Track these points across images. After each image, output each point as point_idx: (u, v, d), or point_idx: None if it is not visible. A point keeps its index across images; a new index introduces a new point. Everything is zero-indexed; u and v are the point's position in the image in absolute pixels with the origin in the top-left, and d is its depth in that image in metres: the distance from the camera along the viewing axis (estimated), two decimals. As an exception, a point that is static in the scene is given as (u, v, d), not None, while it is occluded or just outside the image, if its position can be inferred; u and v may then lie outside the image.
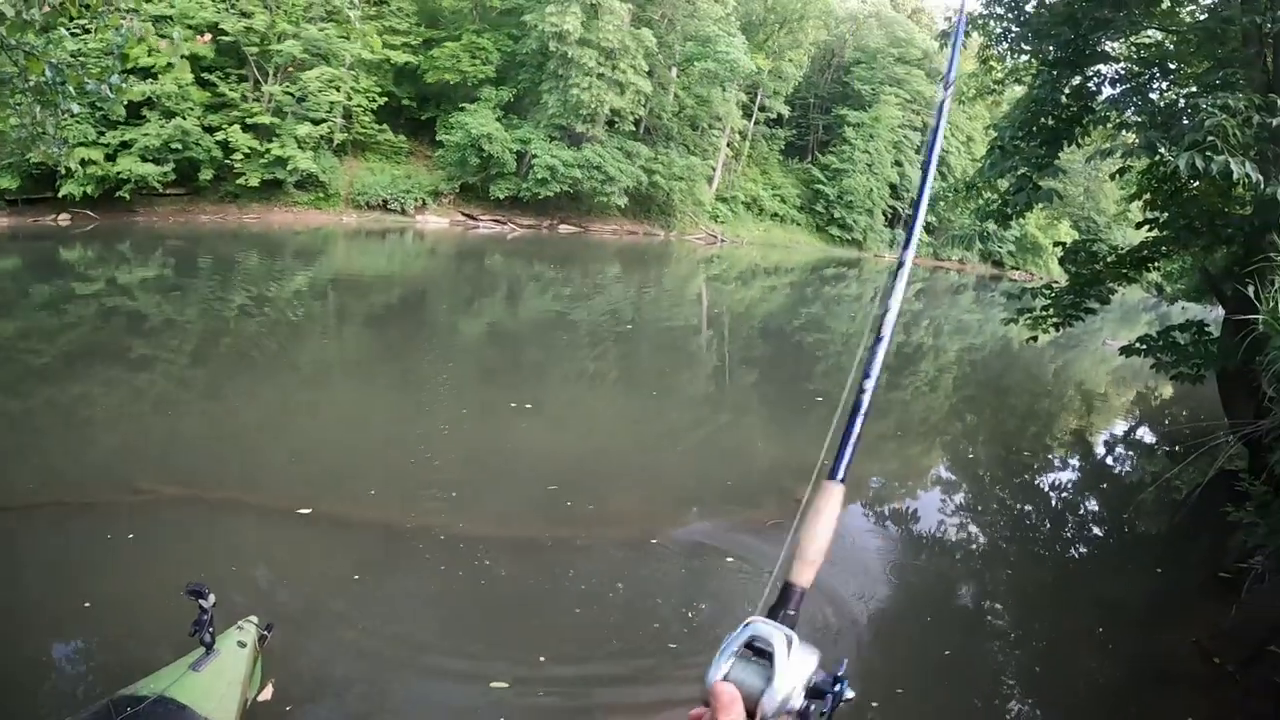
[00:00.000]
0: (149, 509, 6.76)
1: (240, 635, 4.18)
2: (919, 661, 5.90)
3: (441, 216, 32.20)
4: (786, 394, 13.78)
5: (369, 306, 17.81)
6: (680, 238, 38.37)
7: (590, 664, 5.38)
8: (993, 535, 8.53)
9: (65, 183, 21.78)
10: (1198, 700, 5.60)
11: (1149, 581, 7.70)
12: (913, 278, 14.83)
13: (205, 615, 3.80)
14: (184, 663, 3.83)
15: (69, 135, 19.96)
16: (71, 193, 22.02)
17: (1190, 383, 9.63)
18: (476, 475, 8.24)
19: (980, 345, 21.61)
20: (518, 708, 4.81)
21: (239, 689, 3.91)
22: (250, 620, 4.34)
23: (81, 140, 21.54)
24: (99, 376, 10.37)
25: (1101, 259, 10.61)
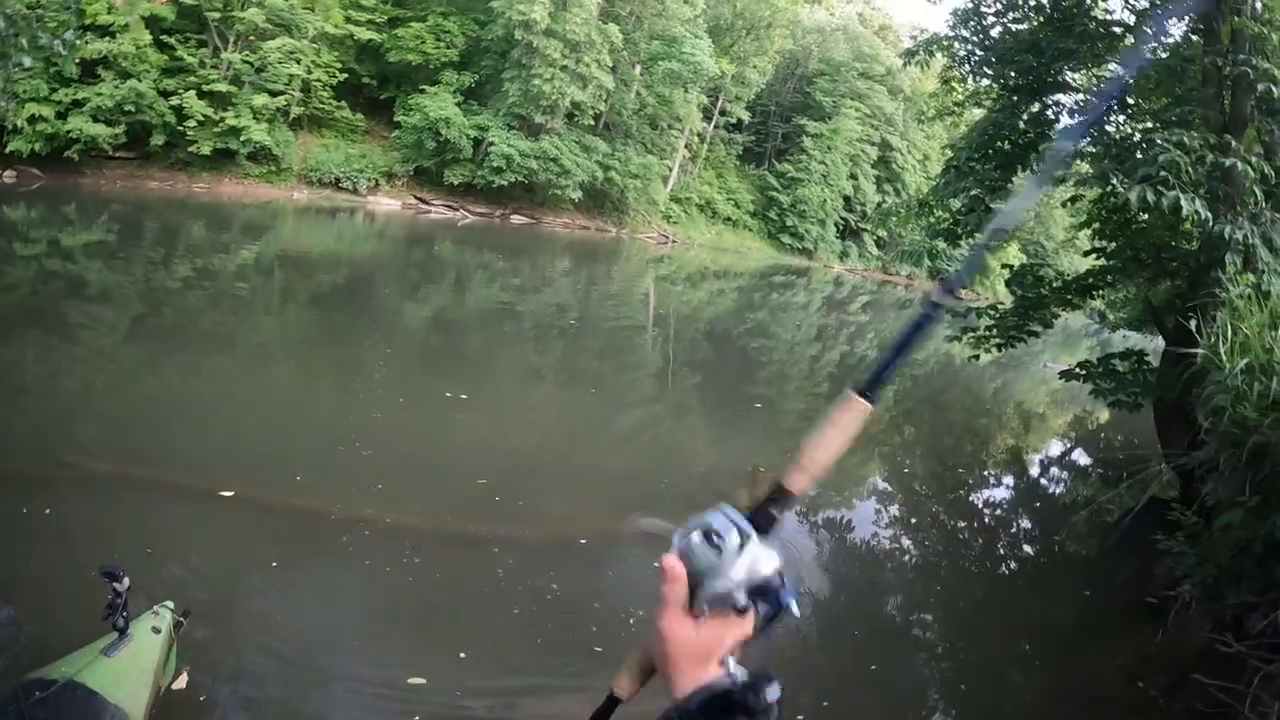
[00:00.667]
0: (70, 484, 6.58)
1: (155, 621, 4.08)
2: (846, 674, 5.94)
3: (394, 198, 31.86)
4: (727, 399, 13.84)
5: (314, 286, 17.58)
6: (632, 235, 38.38)
7: (511, 663, 5.32)
8: (925, 550, 8.62)
9: (13, 139, 21.38)
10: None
11: (1077, 604, 7.82)
12: (861, 290, 15.22)
13: (119, 599, 3.70)
14: (95, 647, 3.73)
15: (20, 90, 19.63)
16: (19, 149, 21.57)
17: (1128, 410, 9.80)
18: (406, 466, 8.12)
19: (922, 360, 21.76)
20: (433, 704, 4.75)
21: (151, 676, 3.83)
22: (166, 605, 4.23)
23: (33, 96, 21.17)
24: (32, 342, 10.10)
25: (1047, 283, 10.77)
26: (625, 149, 36.36)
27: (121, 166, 24.94)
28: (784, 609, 1.03)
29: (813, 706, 5.35)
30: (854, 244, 47.81)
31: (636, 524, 3.69)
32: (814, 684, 5.65)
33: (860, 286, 39.72)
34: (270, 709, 4.60)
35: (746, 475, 9.42)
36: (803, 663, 5.94)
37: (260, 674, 4.83)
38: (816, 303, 31.28)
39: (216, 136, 25.69)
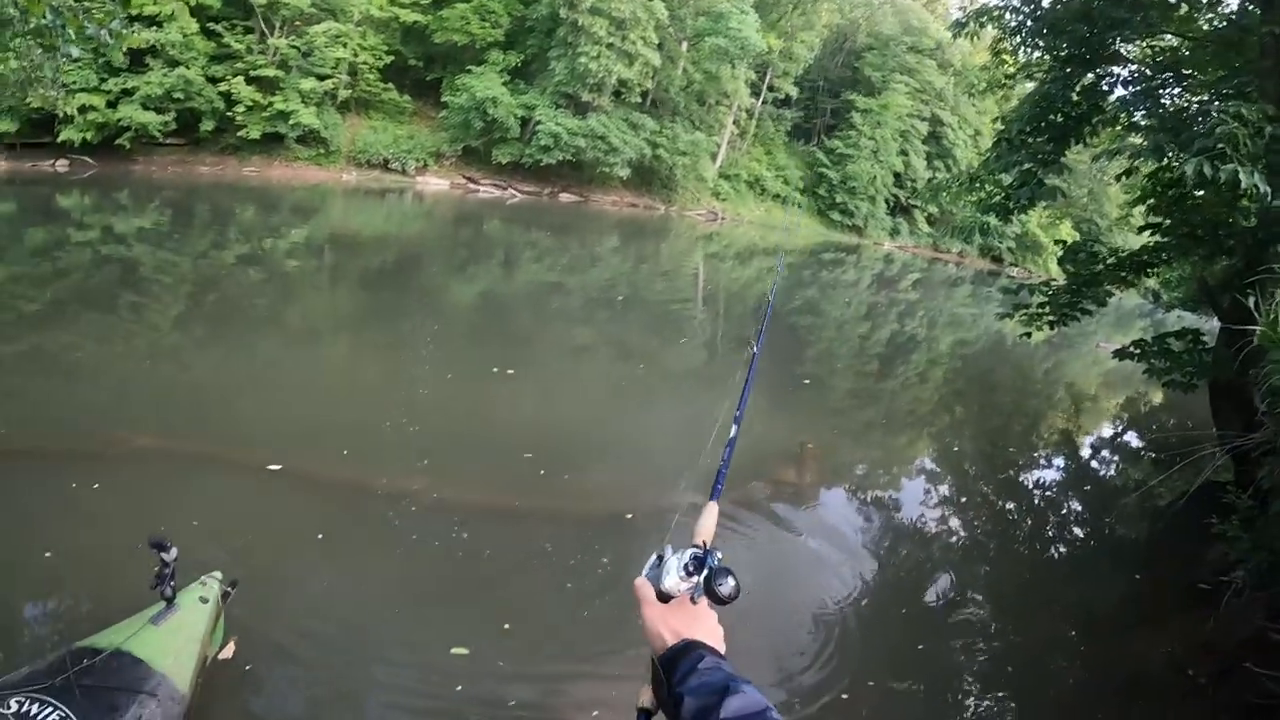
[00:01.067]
0: (122, 459, 6.75)
1: (203, 591, 4.17)
2: (892, 654, 5.89)
3: (442, 178, 32.02)
4: (776, 376, 13.71)
5: (363, 265, 17.74)
6: (680, 213, 38.20)
7: (554, 636, 5.38)
8: (973, 530, 8.50)
9: (65, 128, 21.78)
10: (1168, 713, 5.61)
11: (1126, 588, 7.68)
12: (911, 267, 15.04)
13: (167, 569, 3.78)
14: (143, 616, 3.82)
15: (71, 80, 20.00)
16: (71, 138, 21.96)
17: (1181, 391, 9.57)
18: (452, 440, 8.22)
19: (973, 340, 21.56)
20: (475, 674, 4.81)
21: (198, 645, 3.89)
22: (214, 576, 4.33)
23: (83, 86, 21.52)
24: (87, 324, 10.33)
25: (1101, 260, 10.53)
26: (673, 126, 36.16)
27: (172, 152, 25.32)
28: (712, 562, 1.48)
29: (859, 685, 5.33)
30: (904, 221, 47.25)
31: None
32: (861, 663, 5.64)
33: (910, 264, 39.21)
34: (314, 678, 4.69)
35: (794, 453, 9.38)
36: (851, 641, 5.92)
37: (305, 643, 4.92)
38: (866, 280, 30.94)
39: (265, 121, 25.97)
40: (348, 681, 4.71)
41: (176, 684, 3.61)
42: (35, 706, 3.11)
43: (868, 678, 5.46)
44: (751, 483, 8.23)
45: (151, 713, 3.39)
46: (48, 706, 3.13)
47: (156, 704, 3.43)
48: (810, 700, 5.16)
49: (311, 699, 4.55)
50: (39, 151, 22.41)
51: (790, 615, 6.12)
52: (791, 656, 5.60)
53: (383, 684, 4.73)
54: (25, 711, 3.08)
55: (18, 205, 18.01)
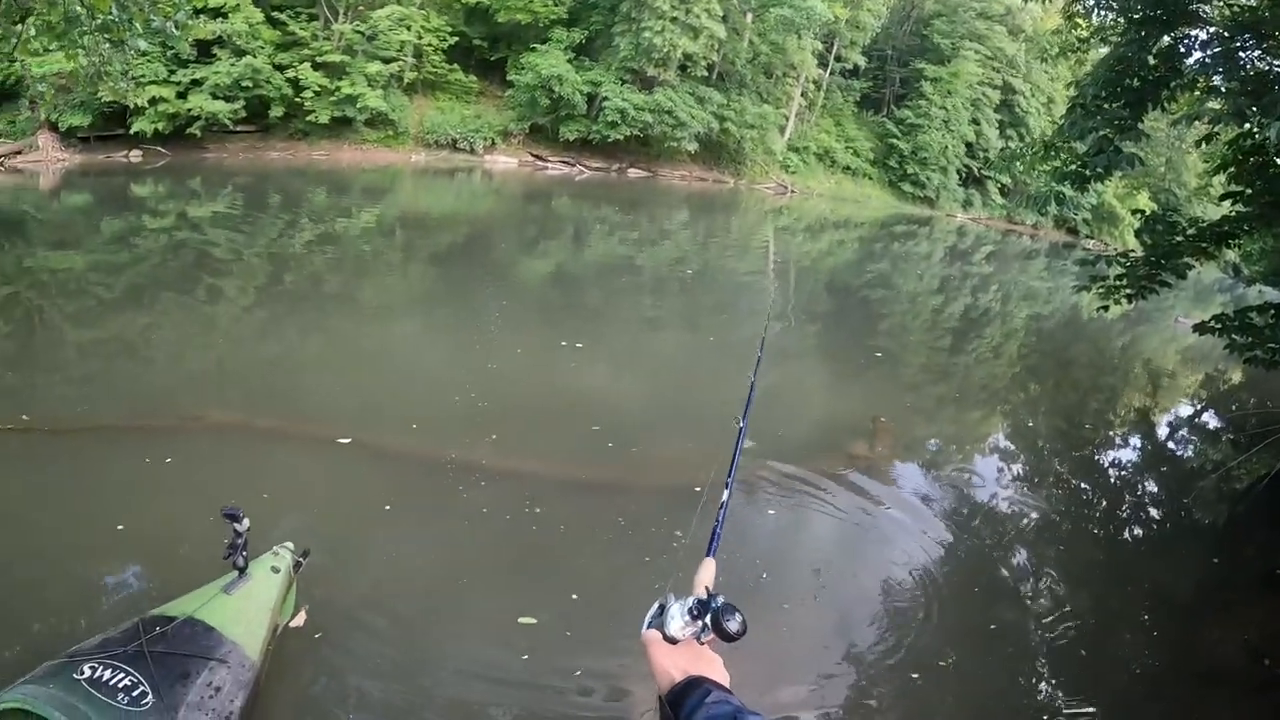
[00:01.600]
0: (196, 435, 6.97)
1: (275, 561, 4.25)
2: (964, 634, 5.80)
3: (510, 156, 32.18)
4: (848, 349, 13.63)
5: (433, 244, 17.93)
6: (750, 186, 37.91)
7: (621, 606, 5.36)
8: (1047, 509, 8.30)
9: (137, 120, 22.45)
10: (1244, 702, 5.44)
11: (1202, 573, 7.46)
12: (985, 240, 14.75)
13: (239, 539, 3.86)
14: (216, 585, 3.91)
15: (140, 74, 20.62)
16: (143, 129, 22.63)
17: (1264, 368, 9.23)
18: (520, 413, 8.27)
19: (1048, 314, 21.07)
20: (543, 643, 4.87)
21: (269, 614, 3.98)
22: (286, 546, 4.41)
23: (153, 79, 22.23)
24: (165, 308, 10.62)
25: (1180, 231, 10.20)
26: (740, 99, 35.85)
27: (243, 139, 25.88)
28: (715, 604, 1.55)
29: (932, 665, 5.29)
30: (977, 192, 46.32)
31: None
32: (936, 642, 5.58)
33: (984, 236, 38.36)
34: (383, 646, 4.75)
35: (866, 427, 9.29)
36: (923, 618, 5.88)
37: (374, 612, 5.01)
38: (939, 253, 30.37)
39: (333, 105, 26.37)
40: (416, 650, 4.79)
41: (247, 651, 3.68)
42: (108, 672, 3.18)
43: (939, 657, 5.39)
44: (824, 456, 8.19)
45: (222, 679, 3.47)
46: (120, 672, 3.20)
47: (227, 670, 3.51)
48: (881, 679, 5.13)
49: (380, 666, 4.62)
50: (112, 143, 23.12)
51: (861, 589, 6.09)
52: (862, 630, 5.57)
53: (450, 652, 4.81)
54: (98, 677, 3.14)
55: (94, 196, 18.52)
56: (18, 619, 4.51)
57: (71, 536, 5.32)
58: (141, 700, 3.13)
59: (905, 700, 4.98)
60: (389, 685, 4.52)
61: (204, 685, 3.38)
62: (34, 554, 5.11)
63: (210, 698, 3.37)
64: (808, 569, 6.24)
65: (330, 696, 4.36)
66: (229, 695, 3.47)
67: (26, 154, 21.49)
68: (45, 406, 7.21)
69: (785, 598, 5.77)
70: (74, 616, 4.54)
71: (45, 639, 4.20)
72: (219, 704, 3.40)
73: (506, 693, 4.55)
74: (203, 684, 3.38)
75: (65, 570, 5.00)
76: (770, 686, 4.92)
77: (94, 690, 3.08)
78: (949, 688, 5.14)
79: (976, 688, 5.23)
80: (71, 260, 12.56)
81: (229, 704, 3.45)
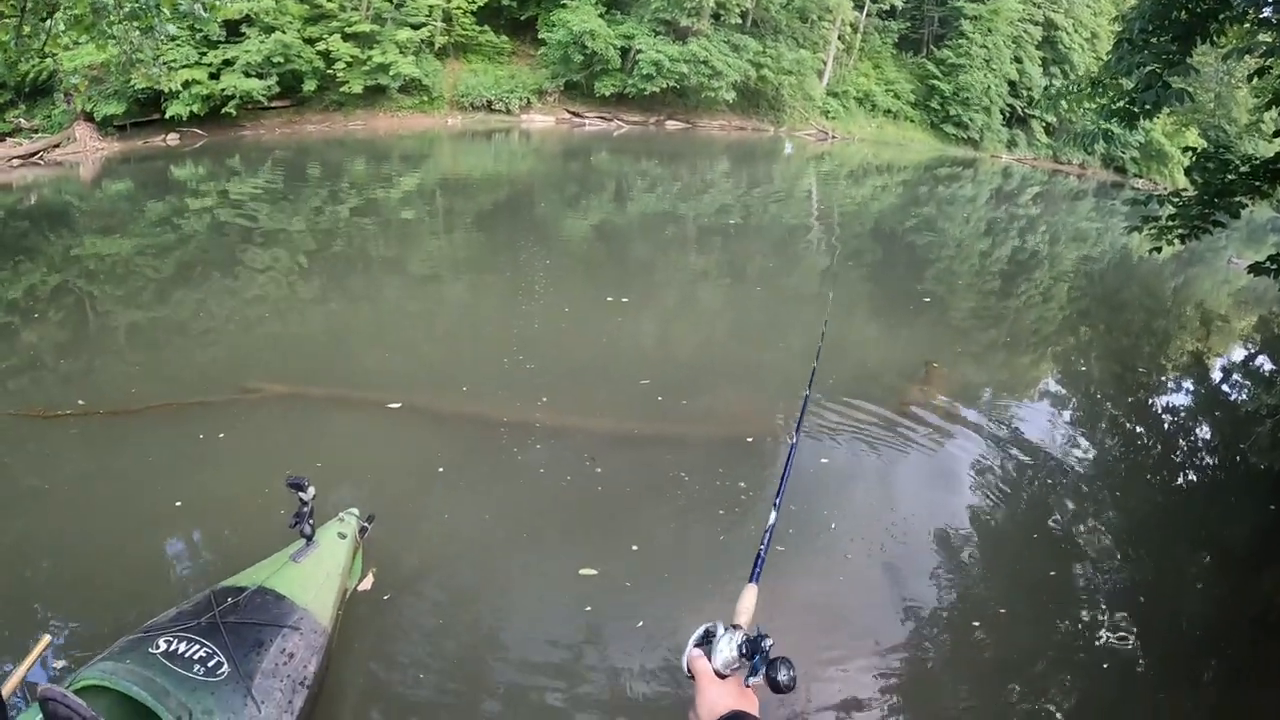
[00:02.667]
0: (251, 408, 7.14)
1: (340, 527, 4.35)
2: (1024, 582, 5.82)
3: (547, 115, 32.02)
4: (896, 295, 13.52)
5: (475, 207, 17.98)
6: (790, 133, 37.40)
7: (680, 556, 5.50)
8: (1101, 454, 8.23)
9: (172, 104, 22.78)
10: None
11: (1261, 520, 7.33)
12: (1031, 181, 14.50)
13: (305, 508, 3.95)
14: (284, 554, 4.01)
15: (172, 58, 20.94)
16: (179, 113, 22.96)
17: (1322, 309, 9.02)
18: (569, 371, 8.40)
19: (1098, 256, 20.68)
20: (604, 592, 4.99)
21: (338, 580, 4.07)
22: (351, 512, 4.51)
23: (184, 62, 22.53)
24: (213, 286, 10.79)
25: (1234, 169, 9.95)
26: (776, 45, 35.31)
27: (278, 115, 26.11)
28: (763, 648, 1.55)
29: (990, 615, 5.32)
30: (1022, 132, 45.35)
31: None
32: (995, 591, 5.63)
33: (1030, 177, 37.60)
34: (451, 605, 4.88)
35: (919, 372, 9.26)
36: (980, 566, 5.93)
37: (440, 572, 5.16)
38: (984, 195, 29.86)
39: (366, 74, 26.44)
40: (481, 606, 4.91)
41: (318, 617, 3.77)
42: (183, 645, 3.25)
43: (999, 605, 5.43)
44: (879, 402, 8.19)
45: (295, 645, 3.54)
46: (194, 644, 3.27)
47: (300, 637, 3.59)
48: (943, 629, 5.17)
49: (449, 625, 4.74)
50: (149, 129, 23.44)
51: (920, 537, 6.11)
52: (922, 579, 5.61)
53: (515, 606, 4.92)
54: (174, 649, 3.21)
55: (135, 182, 18.73)
56: (92, 598, 4.68)
57: (136, 516, 5.47)
58: (217, 670, 3.21)
59: (965, 650, 5.01)
60: (457, 641, 4.64)
61: (278, 652, 3.46)
62: (101, 534, 5.27)
63: (284, 664, 3.46)
64: (866, 518, 6.27)
65: (401, 656, 4.47)
66: (302, 661, 3.55)
67: (65, 146, 21.82)
68: (101, 390, 7.43)
69: (846, 547, 5.81)
70: (147, 592, 4.67)
71: (121, 615, 4.31)
72: (293, 670, 3.49)
73: (570, 645, 4.65)
74: (276, 651, 3.46)
75: (134, 549, 5.16)
76: (830, 635, 4.98)
77: (170, 663, 3.15)
78: (1008, 637, 5.16)
79: (1035, 637, 5.22)
80: (118, 245, 12.78)
81: (303, 669, 3.54)
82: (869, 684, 4.60)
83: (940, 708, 4.60)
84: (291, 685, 3.44)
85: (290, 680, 3.45)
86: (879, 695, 4.54)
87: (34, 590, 4.75)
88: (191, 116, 23.21)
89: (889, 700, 4.53)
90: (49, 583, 4.83)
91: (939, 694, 4.68)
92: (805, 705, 4.40)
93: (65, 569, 4.94)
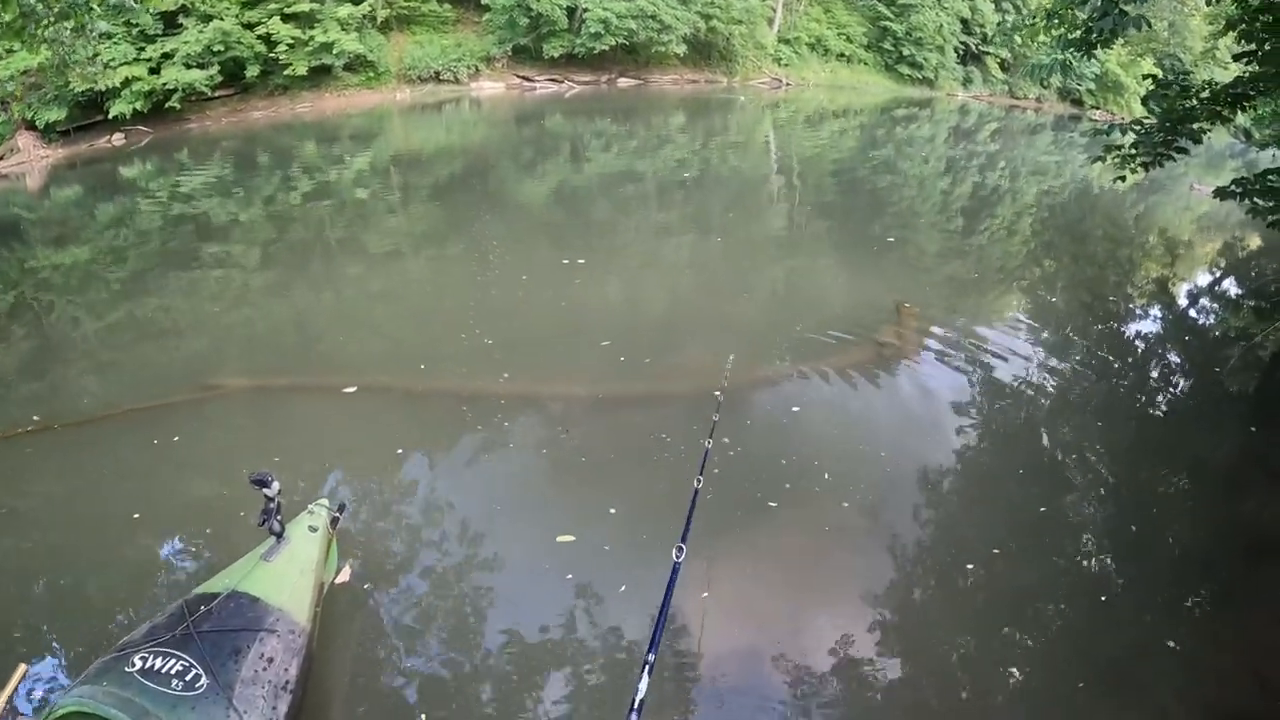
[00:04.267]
0: (217, 404, 7.10)
1: (311, 520, 4.25)
2: (1014, 519, 5.85)
3: (497, 81, 31.54)
4: (859, 238, 13.55)
5: (431, 181, 17.74)
6: (744, 83, 37.13)
7: (658, 516, 5.42)
8: (1078, 385, 8.23)
9: (114, 103, 22.13)
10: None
11: (1242, 441, 7.39)
12: (988, 117, 14.56)
13: (272, 504, 3.85)
14: (255, 554, 3.90)
15: (109, 58, 20.56)
16: (122, 112, 22.29)
17: (1288, 230, 9.01)
18: (528, 341, 8.35)
19: (1059, 189, 20.72)
20: (583, 557, 5.03)
21: (312, 575, 3.97)
22: (321, 503, 4.41)
23: (123, 60, 21.92)
24: (170, 285, 10.55)
25: (1194, 94, 9.92)
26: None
27: (223, 104, 25.46)
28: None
29: (985, 554, 5.34)
30: (977, 69, 45.26)
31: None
32: (987, 531, 5.63)
33: (987, 114, 37.58)
34: (432, 587, 4.88)
35: (890, 313, 9.24)
36: (975, 509, 5.99)
37: (419, 555, 5.17)
38: (942, 134, 29.86)
39: (309, 55, 25.75)
40: (464, 586, 4.91)
41: (295, 616, 3.69)
42: (159, 660, 3.17)
43: (992, 545, 5.44)
44: (853, 347, 8.24)
45: (273, 649, 3.47)
46: (170, 658, 3.19)
47: (277, 639, 3.52)
48: (936, 572, 5.21)
49: (431, 608, 4.73)
50: (93, 131, 22.75)
51: (904, 479, 6.15)
52: (908, 524, 5.64)
53: (497, 583, 4.94)
54: (150, 666, 3.13)
55: (84, 187, 18.27)
56: (67, 620, 4.58)
57: (102, 531, 5.37)
58: (195, 684, 3.13)
59: (963, 594, 5.05)
60: (442, 625, 4.63)
61: (256, 658, 3.39)
62: (69, 553, 5.17)
63: (264, 670, 3.38)
64: (851, 462, 6.28)
65: (386, 647, 4.43)
66: (282, 664, 3.48)
67: (8, 158, 21.15)
68: (60, 404, 7.23)
69: (834, 493, 5.83)
70: (122, 607, 4.60)
71: (97, 634, 4.27)
72: (274, 674, 3.41)
73: (555, 616, 4.64)
74: (255, 657, 3.38)
75: (105, 564, 5.07)
76: (822, 587, 5.01)
77: (147, 680, 3.07)
78: (1005, 576, 5.19)
79: (1032, 573, 5.26)
80: (72, 254, 12.46)
81: (284, 673, 3.46)
82: (863, 632, 4.63)
83: (936, 650, 4.61)
84: (274, 691, 3.36)
85: (271, 686, 3.37)
86: (874, 642, 4.57)
87: (6, 618, 4.60)
88: (135, 114, 22.59)
89: (884, 646, 4.56)
90: (20, 609, 4.69)
91: (935, 636, 4.70)
92: (799, 651, 4.38)
93: (36, 593, 4.82)
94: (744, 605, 4.81)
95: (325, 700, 4.01)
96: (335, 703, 4.06)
